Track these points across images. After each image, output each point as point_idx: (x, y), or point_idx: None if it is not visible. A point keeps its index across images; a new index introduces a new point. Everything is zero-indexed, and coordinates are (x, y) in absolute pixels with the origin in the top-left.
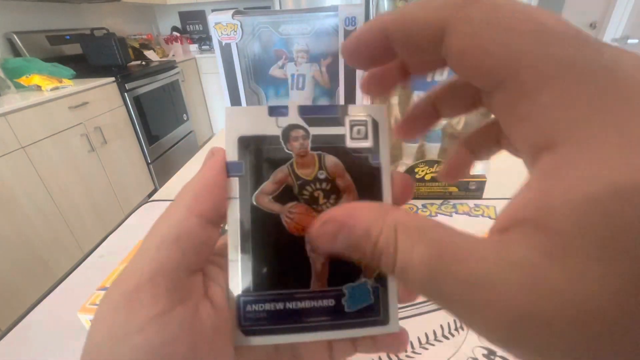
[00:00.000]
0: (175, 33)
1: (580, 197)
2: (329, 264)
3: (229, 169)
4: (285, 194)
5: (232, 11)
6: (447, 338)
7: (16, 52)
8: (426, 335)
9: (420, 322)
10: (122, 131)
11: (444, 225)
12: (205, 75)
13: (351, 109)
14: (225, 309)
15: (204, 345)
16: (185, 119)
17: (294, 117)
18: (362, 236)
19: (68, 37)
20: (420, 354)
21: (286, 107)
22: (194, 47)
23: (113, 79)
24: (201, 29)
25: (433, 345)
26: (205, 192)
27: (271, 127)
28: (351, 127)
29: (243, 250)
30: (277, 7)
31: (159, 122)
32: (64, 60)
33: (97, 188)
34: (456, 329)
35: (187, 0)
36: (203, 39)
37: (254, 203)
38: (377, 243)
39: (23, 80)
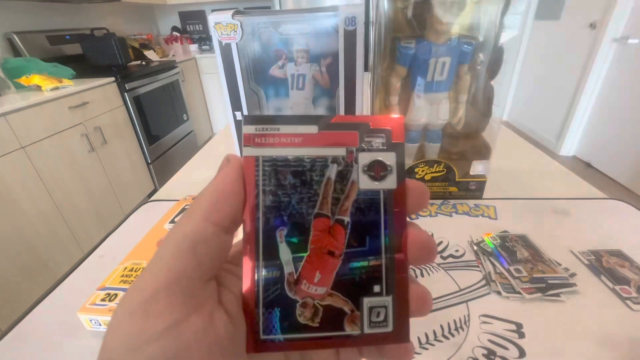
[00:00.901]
0: (175, 33)
1: None
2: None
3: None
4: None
5: (232, 11)
6: (447, 338)
7: (16, 52)
8: (426, 335)
9: (421, 322)
10: (122, 131)
11: None
12: (205, 75)
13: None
14: (239, 317)
15: (219, 353)
16: (185, 119)
17: None
18: None
19: (68, 37)
20: (420, 354)
21: None
22: (194, 47)
23: (113, 79)
24: (201, 29)
25: (433, 345)
26: (222, 200)
27: None
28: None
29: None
30: (277, 7)
31: (159, 122)
32: (64, 60)
33: (97, 188)
34: (456, 329)
35: (187, 0)
36: (203, 39)
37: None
38: None
39: (23, 80)
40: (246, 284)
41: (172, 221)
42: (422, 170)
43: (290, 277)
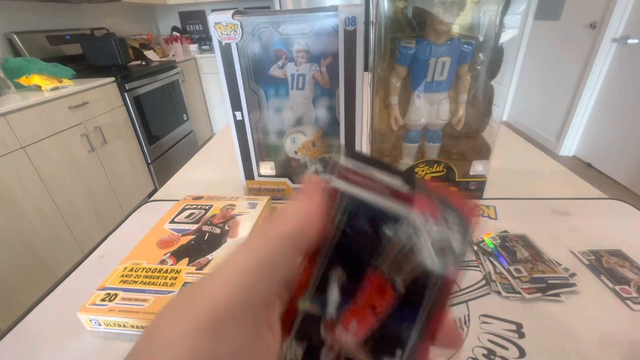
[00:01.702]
0: (175, 33)
1: None
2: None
3: None
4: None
5: (232, 11)
6: None
7: (16, 52)
8: None
9: None
10: (122, 131)
11: None
12: (205, 75)
13: None
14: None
15: None
16: (185, 119)
17: None
18: None
19: (68, 37)
20: None
21: None
22: (194, 47)
23: (113, 79)
24: (201, 29)
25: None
26: (310, 229)
27: None
28: None
29: None
30: (277, 7)
31: (159, 122)
32: (64, 60)
33: (97, 188)
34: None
35: (187, 0)
36: (203, 39)
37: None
38: None
39: (23, 80)
40: (288, 310)
41: (172, 221)
42: (422, 170)
43: (330, 317)
